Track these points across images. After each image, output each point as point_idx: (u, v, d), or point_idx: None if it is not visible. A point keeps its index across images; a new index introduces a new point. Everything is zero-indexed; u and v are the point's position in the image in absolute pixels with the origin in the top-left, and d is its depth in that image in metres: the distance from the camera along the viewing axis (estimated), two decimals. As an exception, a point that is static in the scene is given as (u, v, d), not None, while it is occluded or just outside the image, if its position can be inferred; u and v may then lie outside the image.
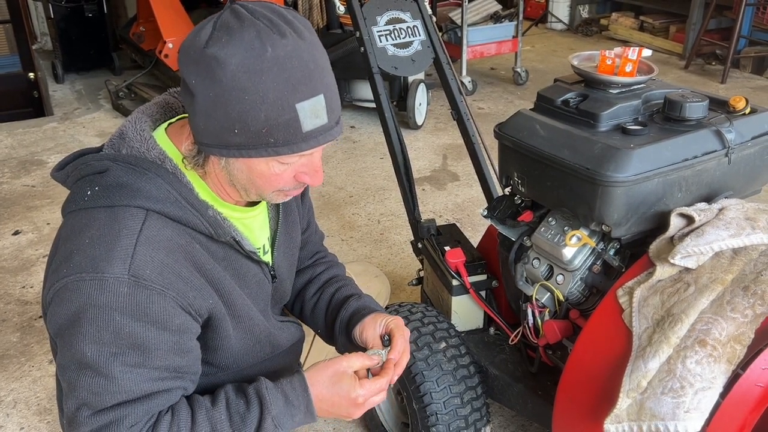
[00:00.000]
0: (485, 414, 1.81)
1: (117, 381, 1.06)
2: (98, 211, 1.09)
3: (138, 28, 5.42)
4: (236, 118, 1.04)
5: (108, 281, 1.04)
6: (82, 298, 1.04)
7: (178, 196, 1.12)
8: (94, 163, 1.15)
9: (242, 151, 1.07)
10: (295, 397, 1.18)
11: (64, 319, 1.07)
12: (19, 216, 3.54)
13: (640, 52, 1.62)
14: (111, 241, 1.06)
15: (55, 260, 1.11)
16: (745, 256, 1.38)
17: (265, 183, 1.15)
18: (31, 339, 2.60)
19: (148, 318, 1.06)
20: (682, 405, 1.23)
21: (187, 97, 1.08)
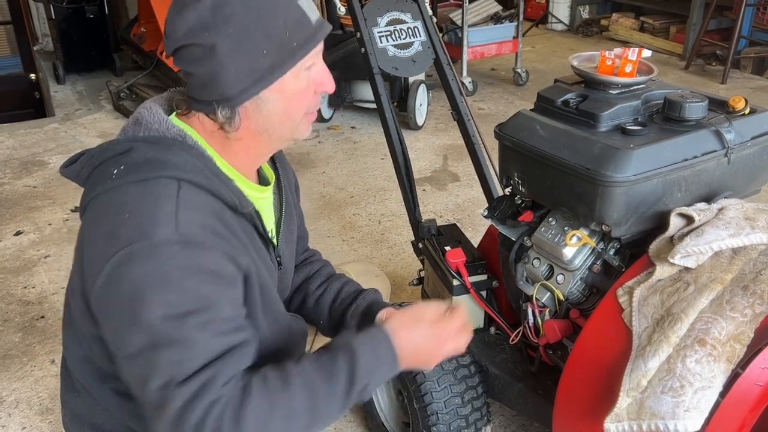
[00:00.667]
0: (486, 413, 1.82)
1: (194, 343, 1.04)
2: (128, 186, 1.10)
3: (139, 29, 5.43)
4: (261, 38, 1.10)
5: (160, 244, 1.04)
6: (139, 267, 1.03)
7: (203, 167, 1.15)
8: (113, 146, 1.16)
9: (275, 72, 1.13)
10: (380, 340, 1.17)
11: (125, 295, 1.04)
12: (21, 216, 3.55)
13: (640, 53, 1.62)
14: (152, 209, 1.07)
15: (95, 244, 1.09)
16: (745, 255, 1.39)
17: (297, 104, 1.19)
18: (33, 339, 2.61)
19: (204, 272, 1.06)
20: (682, 404, 1.24)
21: (203, 60, 1.11)
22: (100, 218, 1.11)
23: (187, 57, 1.13)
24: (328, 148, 4.34)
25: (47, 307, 2.80)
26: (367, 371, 1.14)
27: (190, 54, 1.12)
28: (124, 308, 1.05)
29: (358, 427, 2.18)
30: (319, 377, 1.12)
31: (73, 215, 3.55)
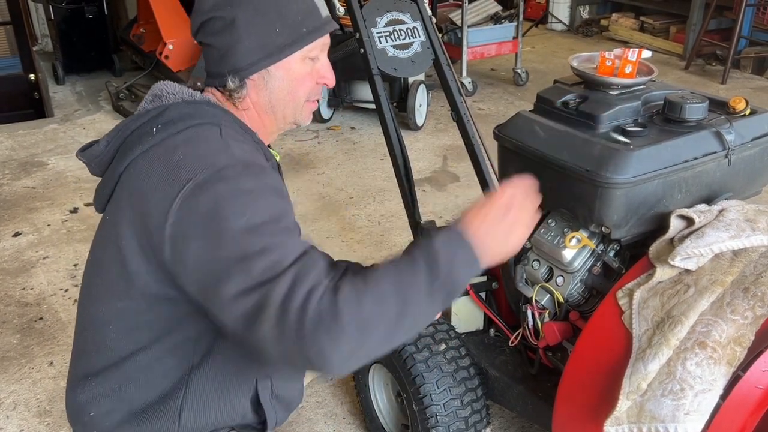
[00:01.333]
0: (485, 416, 1.81)
1: (279, 246, 1.10)
2: (173, 137, 1.20)
3: (138, 29, 5.43)
4: (275, 17, 1.25)
5: (223, 168, 1.14)
6: (210, 191, 1.11)
7: (232, 121, 1.27)
8: (142, 116, 1.24)
9: (284, 50, 1.27)
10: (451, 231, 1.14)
11: (203, 222, 1.11)
12: (20, 218, 3.54)
13: (640, 54, 1.62)
14: (204, 144, 1.18)
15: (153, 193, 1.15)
16: (745, 257, 1.38)
17: (300, 86, 1.32)
18: (32, 341, 2.60)
19: (269, 187, 1.17)
20: (682, 407, 1.23)
21: (222, 31, 1.25)
22: (150, 170, 1.18)
23: (209, 29, 1.26)
24: (327, 149, 4.33)
25: (46, 308, 2.79)
26: (446, 257, 1.10)
27: (212, 26, 1.26)
28: (205, 233, 1.11)
29: (358, 429, 2.17)
30: (399, 263, 1.12)
31: (71, 216, 3.54)
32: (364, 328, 1.05)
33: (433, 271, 1.09)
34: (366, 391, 2.01)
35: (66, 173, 4.05)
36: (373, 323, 1.06)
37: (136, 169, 1.21)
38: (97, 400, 1.31)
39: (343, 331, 1.03)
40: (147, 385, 1.29)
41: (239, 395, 1.33)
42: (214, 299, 1.12)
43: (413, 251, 1.13)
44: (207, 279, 1.11)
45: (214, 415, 1.31)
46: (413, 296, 1.09)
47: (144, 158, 1.20)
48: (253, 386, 1.35)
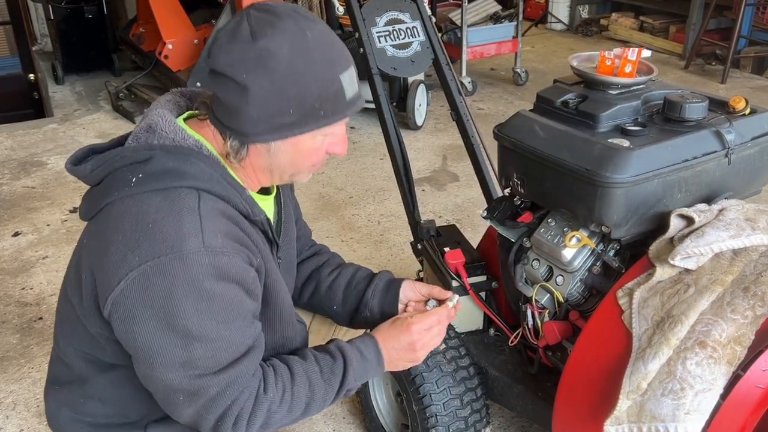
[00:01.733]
0: (485, 415, 1.81)
1: (226, 339, 1.15)
2: (149, 195, 1.14)
3: (138, 29, 5.42)
4: (293, 98, 1.14)
5: (189, 256, 1.10)
6: (169, 278, 1.09)
7: (219, 177, 1.20)
8: (130, 154, 1.18)
9: (294, 129, 1.18)
10: (368, 352, 1.34)
11: (154, 303, 1.10)
12: (19, 217, 3.54)
13: (640, 53, 1.61)
14: (176, 220, 1.12)
15: (117, 250, 1.12)
16: (745, 257, 1.38)
17: (306, 159, 1.25)
18: (31, 341, 2.60)
19: (230, 278, 1.15)
20: (683, 407, 1.23)
21: (234, 93, 1.14)
22: (119, 225, 1.14)
23: (220, 83, 1.16)
24: (327, 149, 4.33)
25: (45, 308, 2.79)
26: (357, 376, 1.32)
27: (224, 83, 1.15)
28: (155, 315, 1.11)
29: (358, 429, 2.17)
30: (318, 375, 1.28)
31: (71, 216, 3.54)
32: (266, 427, 1.23)
33: (343, 385, 1.31)
34: (366, 391, 2.01)
35: (65, 173, 4.03)
36: (274, 425, 1.24)
37: (109, 214, 1.17)
38: (62, 409, 1.35)
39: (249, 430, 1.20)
40: (109, 405, 1.31)
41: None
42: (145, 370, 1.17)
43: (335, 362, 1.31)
44: (140, 351, 1.15)
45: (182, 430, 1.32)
46: (318, 404, 1.29)
47: (118, 207, 1.16)
48: None
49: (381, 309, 1.54)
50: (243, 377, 1.18)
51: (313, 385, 1.27)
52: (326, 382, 1.28)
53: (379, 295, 1.55)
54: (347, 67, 1.20)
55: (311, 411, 1.29)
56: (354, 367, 1.31)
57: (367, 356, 1.33)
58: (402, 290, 1.54)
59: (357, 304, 1.56)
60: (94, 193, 1.22)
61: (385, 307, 1.54)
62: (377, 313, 1.54)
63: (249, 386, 1.19)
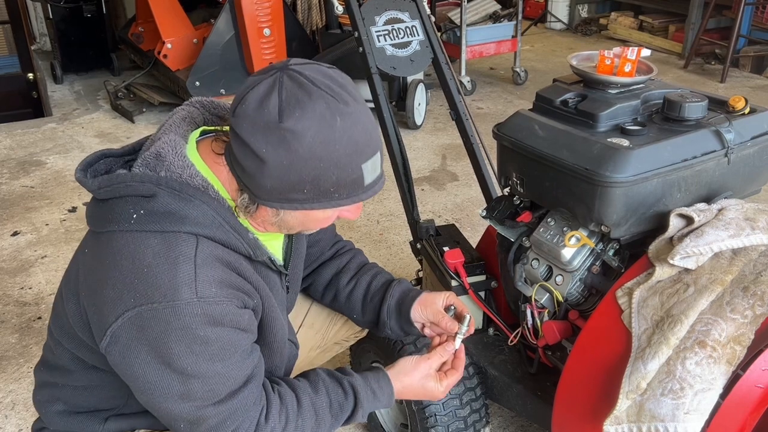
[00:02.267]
0: (484, 415, 1.81)
1: (223, 375, 1.18)
2: (148, 235, 1.14)
3: (137, 28, 5.42)
4: (308, 180, 1.13)
5: (181, 307, 1.12)
6: (162, 325, 1.12)
7: (222, 222, 1.19)
8: (136, 185, 1.17)
9: (305, 204, 1.17)
10: (381, 393, 1.37)
11: (150, 343, 1.13)
12: (18, 217, 3.54)
13: (639, 52, 1.61)
14: (171, 269, 1.12)
15: (114, 286, 1.14)
16: (745, 256, 1.38)
17: (315, 225, 1.27)
18: (30, 340, 2.59)
19: (225, 323, 1.17)
20: (682, 406, 1.23)
21: (252, 160, 1.12)
22: (117, 262, 1.15)
23: (239, 144, 1.13)
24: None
25: (44, 308, 2.79)
26: (366, 410, 1.35)
27: (243, 149, 1.13)
28: (151, 352, 1.14)
29: (357, 428, 2.17)
30: (327, 410, 1.31)
31: (70, 215, 3.54)
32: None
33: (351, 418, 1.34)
34: (365, 391, 2.01)
35: (64, 172, 4.05)
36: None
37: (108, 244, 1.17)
38: (44, 388, 1.41)
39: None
40: (82, 397, 1.36)
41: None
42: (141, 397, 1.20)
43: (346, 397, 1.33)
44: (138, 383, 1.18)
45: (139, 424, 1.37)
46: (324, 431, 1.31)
47: (117, 239, 1.16)
48: None
49: (400, 327, 1.56)
50: (243, 407, 1.20)
51: (320, 419, 1.30)
52: (334, 417, 1.31)
53: (393, 317, 1.55)
54: (372, 154, 1.17)
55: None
56: (364, 407, 1.34)
57: (379, 396, 1.36)
58: (412, 314, 1.51)
59: (376, 318, 1.57)
60: (100, 209, 1.21)
61: (403, 326, 1.55)
62: (398, 331, 1.57)
63: (250, 415, 1.21)
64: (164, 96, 4.80)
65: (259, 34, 4.43)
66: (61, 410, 1.37)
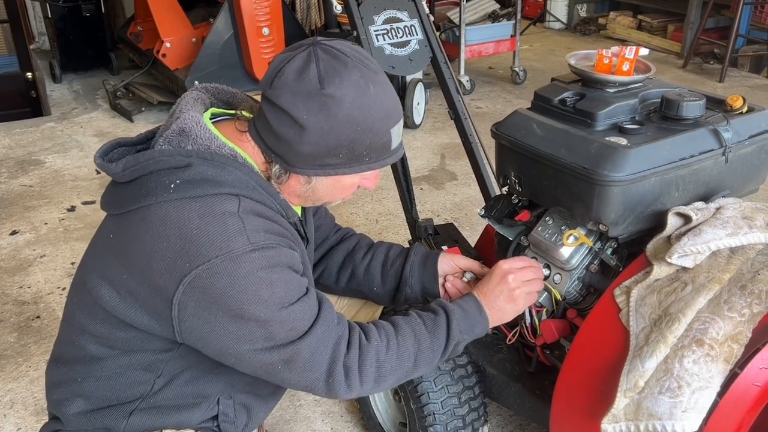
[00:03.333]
0: (483, 413, 1.81)
1: (297, 311, 1.22)
2: (189, 201, 1.18)
3: (136, 27, 5.41)
4: (345, 144, 1.21)
5: (238, 255, 1.16)
6: (224, 278, 1.15)
7: (255, 185, 1.25)
8: (166, 159, 1.21)
9: (338, 169, 1.25)
10: (468, 306, 1.39)
11: (218, 302, 1.16)
12: (17, 216, 3.53)
13: (637, 51, 1.61)
14: (220, 224, 1.17)
15: (164, 257, 1.17)
16: (743, 255, 1.38)
17: (341, 193, 1.34)
18: (29, 339, 2.59)
19: (282, 264, 1.22)
20: (680, 404, 1.23)
21: (291, 128, 1.20)
22: (162, 232, 1.17)
23: (275, 113, 1.21)
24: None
25: (43, 307, 2.79)
26: (462, 329, 1.36)
27: (281, 117, 1.20)
28: (221, 311, 1.16)
29: (355, 427, 2.17)
30: (423, 329, 1.33)
31: (69, 215, 3.53)
32: (380, 379, 1.27)
33: (449, 337, 1.35)
34: (364, 390, 2.01)
35: (63, 172, 4.05)
36: (388, 377, 1.28)
37: (148, 218, 1.19)
38: (60, 386, 1.37)
39: (363, 382, 1.26)
40: (107, 387, 1.33)
41: (197, 410, 1.36)
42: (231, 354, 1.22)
43: (437, 315, 1.36)
44: (223, 341, 1.20)
45: (163, 422, 1.35)
46: (426, 356, 1.32)
47: (156, 212, 1.18)
48: (215, 405, 1.38)
49: (421, 285, 1.59)
50: (328, 331, 1.24)
51: (419, 336, 1.32)
52: (431, 333, 1.33)
53: (417, 273, 1.59)
54: (398, 120, 1.28)
55: (422, 363, 1.32)
56: (457, 319, 1.35)
57: (468, 309, 1.38)
58: (439, 265, 1.58)
59: (397, 282, 1.60)
60: (124, 190, 1.24)
61: (425, 282, 1.59)
62: (418, 290, 1.59)
63: (342, 336, 1.25)
64: (163, 95, 4.80)
65: (258, 33, 4.43)
66: (81, 408, 1.34)
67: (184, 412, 1.34)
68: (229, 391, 1.38)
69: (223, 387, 1.37)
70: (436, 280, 1.57)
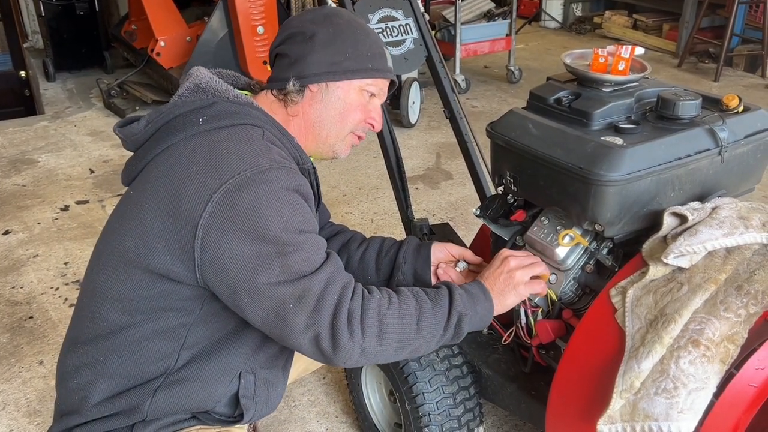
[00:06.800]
0: (478, 414, 1.80)
1: (312, 241, 1.26)
2: (217, 132, 1.27)
3: (130, 26, 5.39)
4: (350, 44, 1.39)
5: (265, 170, 1.22)
6: (252, 190, 1.20)
7: (272, 127, 1.36)
8: (191, 101, 1.32)
9: (347, 73, 1.39)
10: (470, 287, 1.40)
11: (244, 219, 1.19)
12: (10, 216, 3.52)
13: (633, 51, 1.61)
14: (248, 144, 1.26)
15: (195, 179, 1.21)
16: (739, 255, 1.38)
17: (351, 113, 1.43)
18: (21, 340, 2.58)
19: (300, 190, 1.28)
20: (676, 405, 1.22)
21: (301, 42, 1.38)
22: (192, 158, 1.24)
23: (289, 41, 1.40)
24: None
25: (36, 307, 2.77)
26: (465, 304, 1.35)
27: (294, 38, 1.39)
28: (244, 228, 1.19)
29: (351, 428, 2.16)
30: (424, 296, 1.34)
31: (62, 214, 3.52)
32: (382, 335, 1.25)
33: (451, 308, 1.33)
34: (359, 390, 2.00)
35: (57, 171, 4.03)
36: (390, 335, 1.26)
37: (176, 152, 1.27)
38: (81, 369, 1.35)
39: (365, 333, 1.23)
40: (131, 362, 1.32)
41: (219, 385, 1.36)
42: (246, 289, 1.21)
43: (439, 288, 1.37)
44: (240, 271, 1.20)
45: (187, 400, 1.34)
46: (428, 324, 1.30)
47: (185, 144, 1.27)
48: (236, 379, 1.38)
49: (413, 271, 1.60)
50: (338, 272, 1.26)
51: (420, 301, 1.32)
52: (433, 302, 1.32)
53: (410, 259, 1.61)
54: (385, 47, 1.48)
55: (424, 329, 1.30)
56: (460, 294, 1.35)
57: (470, 290, 1.39)
58: (432, 252, 1.60)
59: (390, 270, 1.62)
60: (144, 148, 1.32)
61: (417, 269, 1.60)
62: (410, 276, 1.60)
63: (349, 283, 1.27)
64: (157, 94, 4.78)
65: (253, 32, 4.42)
66: (105, 393, 1.32)
67: (208, 387, 1.34)
68: (250, 364, 1.39)
69: (245, 360, 1.38)
70: (428, 267, 1.58)
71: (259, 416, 1.45)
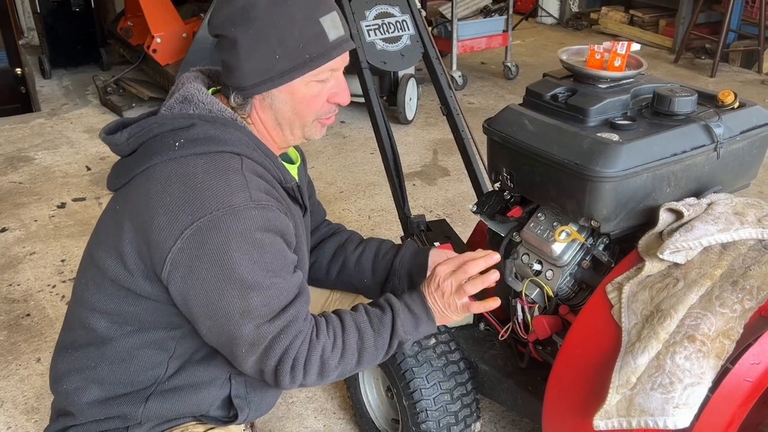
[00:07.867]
0: (475, 410, 1.81)
1: (277, 286, 1.23)
2: (193, 158, 1.22)
3: (126, 23, 5.37)
4: (276, 43, 1.24)
5: (239, 210, 1.18)
6: (222, 232, 1.17)
7: (255, 146, 1.29)
8: (170, 121, 1.26)
9: (284, 76, 1.26)
10: (414, 306, 1.37)
11: (211, 258, 1.17)
12: (6, 213, 3.51)
13: (629, 47, 1.61)
14: (223, 179, 1.20)
15: (167, 211, 1.19)
16: (734, 250, 1.38)
17: (307, 108, 1.32)
18: (18, 337, 2.58)
19: (275, 230, 1.24)
20: (672, 400, 1.23)
21: (228, 50, 1.26)
22: (166, 188, 1.20)
23: (219, 45, 1.29)
24: (317, 143, 4.31)
25: (33, 304, 2.77)
26: (407, 328, 1.35)
27: (220, 43, 1.28)
28: (212, 268, 1.18)
29: (348, 424, 2.17)
30: (368, 327, 1.33)
31: (59, 211, 3.51)
32: (323, 374, 1.28)
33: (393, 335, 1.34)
34: (356, 386, 2.01)
35: (53, 168, 4.02)
36: (331, 373, 1.29)
37: (153, 176, 1.23)
38: (71, 374, 1.36)
39: (306, 375, 1.26)
40: (121, 370, 1.33)
41: (211, 390, 1.37)
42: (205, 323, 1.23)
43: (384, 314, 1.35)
44: (202, 308, 1.21)
45: (180, 406, 1.35)
46: (370, 354, 1.33)
47: (161, 170, 1.22)
48: (227, 383, 1.39)
49: (409, 276, 1.59)
50: (296, 321, 1.24)
51: (363, 334, 1.32)
52: (376, 332, 1.33)
53: (407, 264, 1.59)
54: (328, 11, 1.28)
55: (365, 360, 1.33)
56: (402, 319, 1.35)
57: (414, 310, 1.37)
58: (430, 257, 1.58)
59: (386, 273, 1.61)
60: (127, 161, 1.28)
61: (413, 273, 1.59)
62: (405, 282, 1.59)
63: (302, 331, 1.25)
64: (154, 91, 4.77)
65: (249, 28, 4.40)
66: (95, 396, 1.34)
67: (199, 393, 1.35)
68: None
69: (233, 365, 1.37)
70: (424, 273, 1.57)
71: (254, 416, 1.46)
